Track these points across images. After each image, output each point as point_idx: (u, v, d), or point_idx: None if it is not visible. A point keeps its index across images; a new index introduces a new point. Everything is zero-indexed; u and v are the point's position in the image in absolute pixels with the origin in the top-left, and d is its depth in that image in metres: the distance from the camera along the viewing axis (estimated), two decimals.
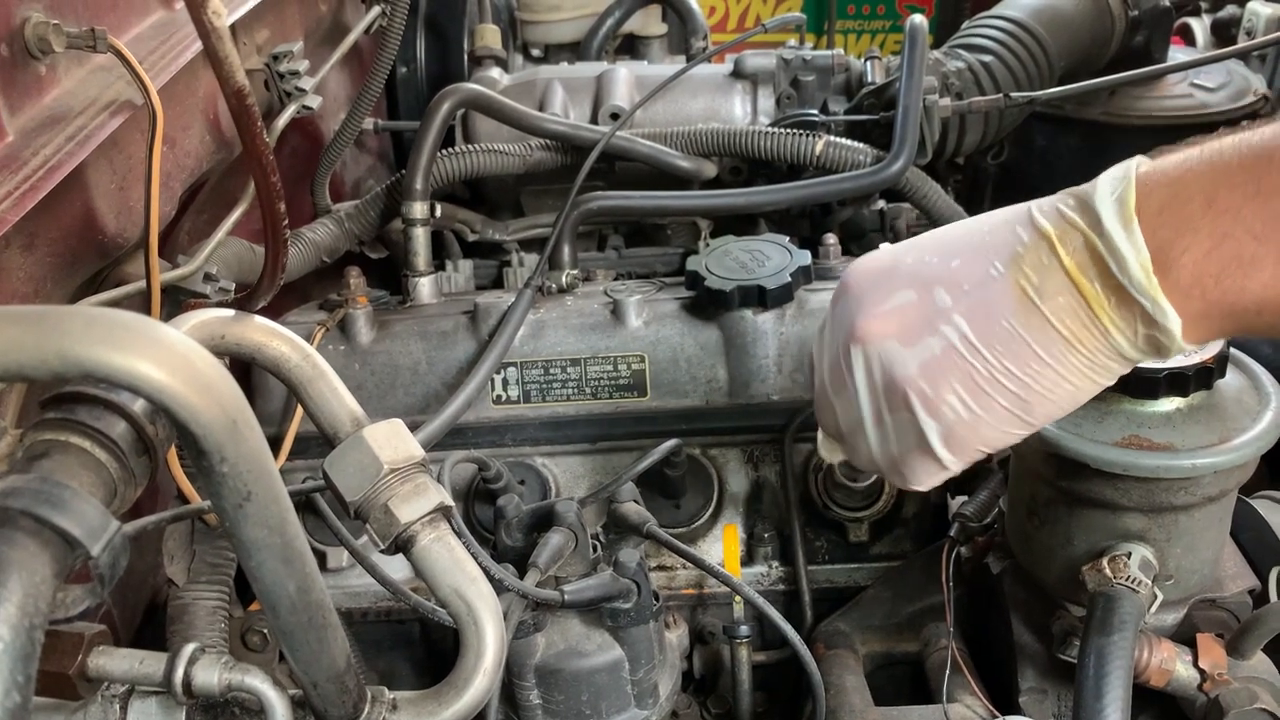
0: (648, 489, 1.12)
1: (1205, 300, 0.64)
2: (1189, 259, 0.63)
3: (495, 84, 1.62)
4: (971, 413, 0.71)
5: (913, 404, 0.73)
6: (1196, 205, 0.63)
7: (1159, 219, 0.64)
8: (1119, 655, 0.76)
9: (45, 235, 0.89)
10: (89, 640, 0.63)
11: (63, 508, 0.49)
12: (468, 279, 1.53)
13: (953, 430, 0.72)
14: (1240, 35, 1.96)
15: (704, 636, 1.14)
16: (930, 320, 0.72)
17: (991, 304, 0.69)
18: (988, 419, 0.71)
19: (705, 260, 1.18)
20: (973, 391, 0.71)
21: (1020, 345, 0.68)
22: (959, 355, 0.70)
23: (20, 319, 0.48)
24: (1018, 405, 0.70)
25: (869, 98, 1.50)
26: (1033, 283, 0.67)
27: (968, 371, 0.70)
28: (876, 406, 0.76)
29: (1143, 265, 0.64)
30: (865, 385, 0.76)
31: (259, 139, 0.92)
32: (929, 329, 0.72)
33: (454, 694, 0.68)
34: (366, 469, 0.69)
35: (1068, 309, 0.67)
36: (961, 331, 0.70)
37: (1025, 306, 0.68)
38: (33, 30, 0.89)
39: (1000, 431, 0.72)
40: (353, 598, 1.15)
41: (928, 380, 0.72)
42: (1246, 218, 0.62)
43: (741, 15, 3.12)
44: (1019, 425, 0.72)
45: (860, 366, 0.76)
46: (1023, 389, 0.69)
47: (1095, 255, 0.65)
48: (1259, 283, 0.62)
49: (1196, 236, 0.63)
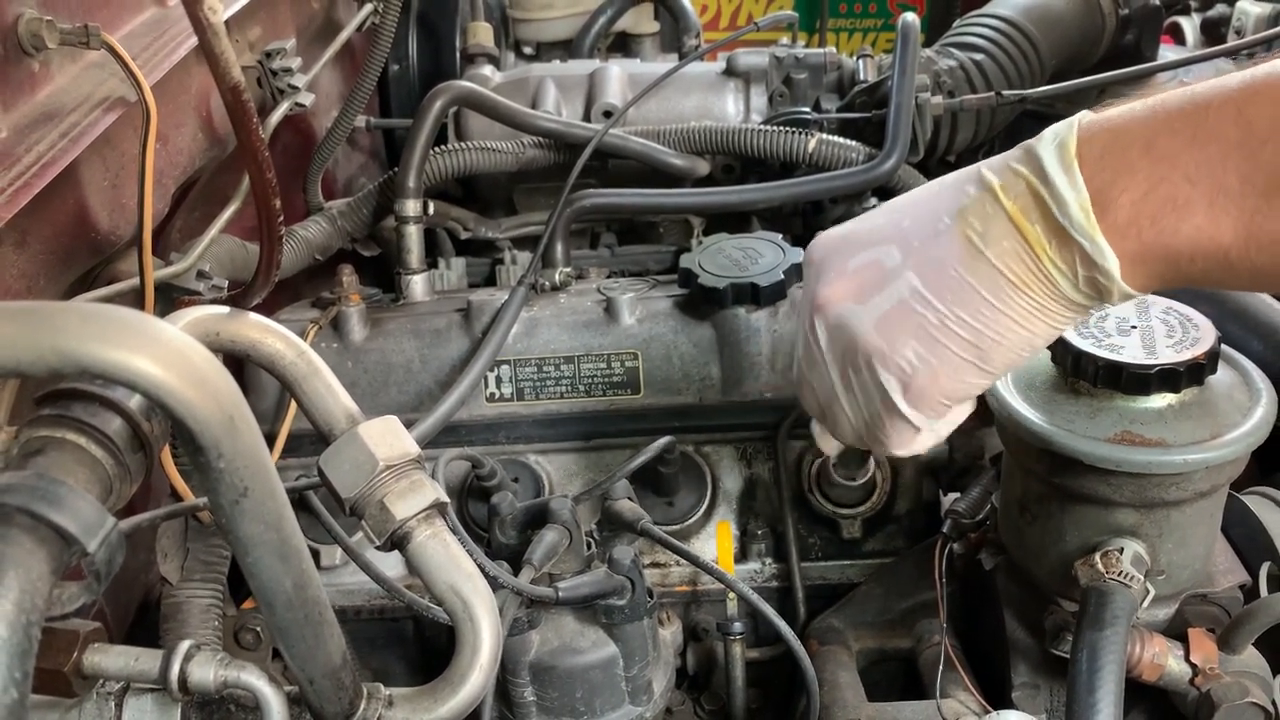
0: (641, 486, 1.12)
1: (1141, 241, 0.65)
2: (1126, 199, 0.64)
3: (488, 82, 1.62)
4: (928, 363, 0.73)
5: (873, 363, 0.75)
6: (1136, 150, 0.65)
7: (1100, 162, 0.65)
8: (1111, 650, 0.77)
9: (38, 232, 0.89)
10: (84, 637, 0.63)
11: (59, 504, 0.49)
12: (460, 277, 1.52)
13: (912, 383, 0.74)
14: (1230, 34, 1.97)
15: (698, 633, 1.14)
16: (883, 278, 0.74)
17: (940, 255, 0.71)
18: (945, 369, 0.73)
19: (698, 258, 1.18)
20: (927, 342, 0.72)
21: (969, 292, 0.70)
22: (911, 309, 0.72)
23: (15, 315, 0.48)
24: (972, 352, 0.72)
25: (861, 96, 1.50)
26: (978, 230, 0.69)
27: (920, 323, 0.72)
28: (843, 370, 0.78)
29: (1081, 205, 0.65)
30: (829, 352, 0.78)
31: (255, 136, 0.92)
32: (882, 286, 0.74)
33: (450, 690, 0.68)
34: (362, 466, 0.69)
35: (1011, 253, 0.68)
36: (912, 285, 0.72)
37: (971, 254, 0.70)
38: (26, 26, 0.88)
39: (959, 381, 0.74)
40: (346, 595, 1.15)
41: (884, 335, 0.74)
42: (1182, 162, 0.63)
43: (734, 13, 3.13)
44: (976, 374, 0.73)
45: (823, 334, 0.78)
46: (975, 335, 0.71)
47: (1037, 198, 0.67)
48: (1191, 225, 0.63)
49: (1134, 179, 0.64)
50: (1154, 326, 0.85)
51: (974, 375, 0.73)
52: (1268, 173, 0.61)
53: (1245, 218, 0.62)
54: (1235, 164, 0.62)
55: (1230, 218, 0.62)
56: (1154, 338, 0.83)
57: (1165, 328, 0.84)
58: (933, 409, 0.76)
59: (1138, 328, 0.85)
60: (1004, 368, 0.73)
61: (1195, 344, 0.82)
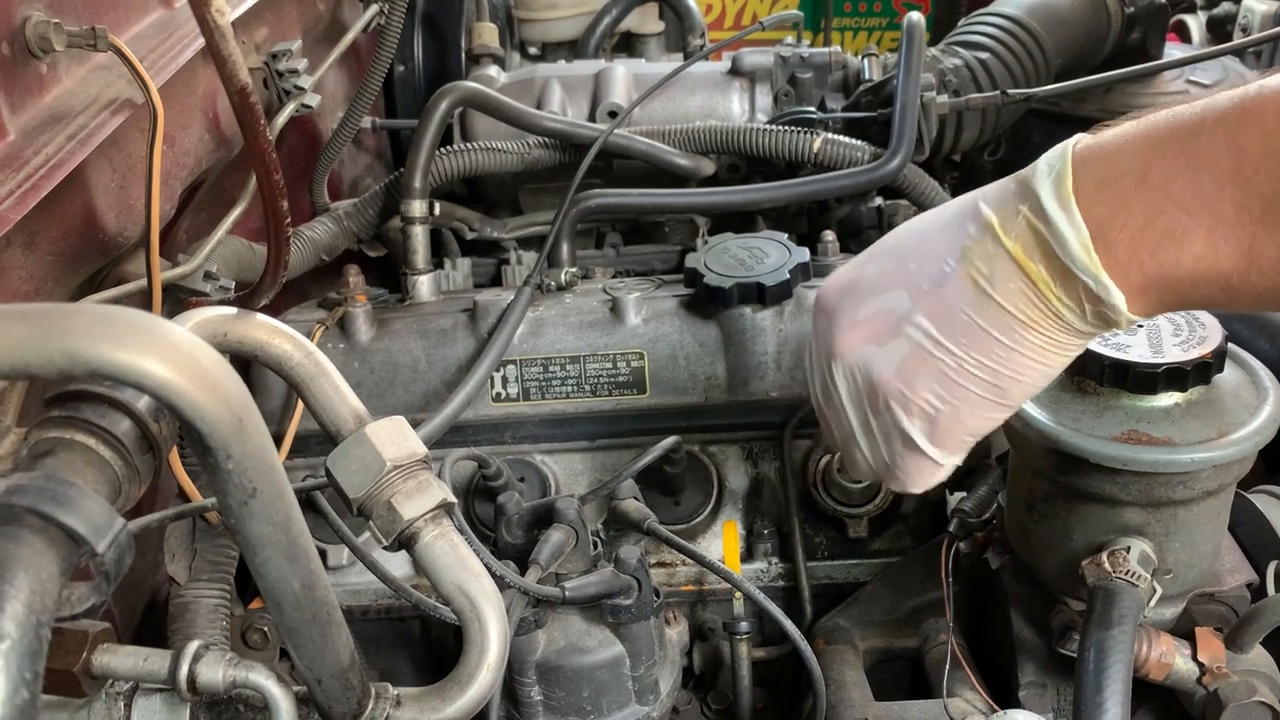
0: (647, 486, 1.12)
1: (1144, 274, 0.65)
2: (1125, 235, 0.65)
3: (493, 82, 1.62)
4: (950, 405, 0.74)
5: (893, 407, 0.76)
6: (1130, 180, 0.65)
7: (1096, 196, 0.65)
8: (1119, 649, 0.77)
9: (46, 234, 0.89)
10: (94, 638, 0.63)
11: (68, 505, 0.49)
12: (466, 277, 1.53)
13: (936, 425, 0.75)
14: (1236, 32, 1.96)
15: (704, 633, 1.15)
16: (897, 324, 0.75)
17: (949, 299, 0.72)
18: (966, 408, 0.74)
19: (704, 258, 1.18)
20: (947, 385, 0.73)
21: (981, 334, 0.71)
22: (928, 353, 0.73)
23: (25, 317, 0.48)
24: (991, 391, 0.73)
25: (866, 95, 1.50)
26: (983, 273, 0.70)
27: (938, 367, 0.73)
28: (863, 415, 0.79)
29: (1082, 244, 0.65)
30: (849, 396, 0.80)
31: (262, 137, 0.92)
32: (896, 332, 0.75)
33: (457, 690, 0.68)
34: (369, 466, 0.69)
35: (1018, 293, 0.69)
36: (925, 330, 0.73)
37: (979, 296, 0.70)
38: (33, 29, 0.89)
39: (981, 418, 0.75)
40: (353, 595, 1.15)
41: (903, 381, 0.75)
42: (1176, 192, 0.63)
43: (738, 13, 3.12)
44: (998, 410, 0.74)
45: (842, 379, 0.79)
46: (992, 375, 0.72)
47: (1038, 237, 0.67)
48: (1191, 256, 0.63)
49: (1131, 212, 0.64)
50: (1161, 325, 0.85)
51: (995, 411, 0.74)
52: (1262, 199, 0.61)
53: (1244, 244, 0.62)
54: (1230, 192, 0.61)
55: (1229, 245, 0.62)
56: (1161, 337, 0.83)
57: (1172, 327, 0.84)
58: (956, 446, 0.77)
59: (1144, 327, 0.85)
60: (1023, 399, 0.74)
61: (1202, 343, 0.82)
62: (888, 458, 0.80)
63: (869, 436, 0.80)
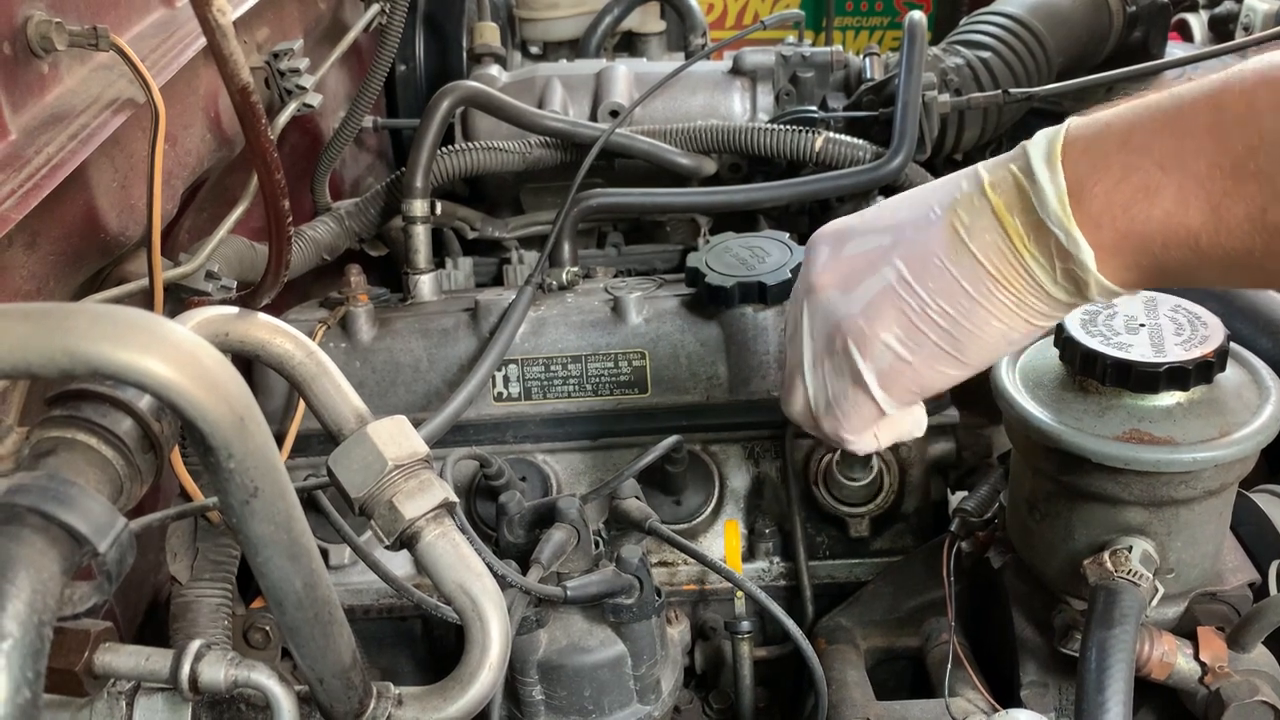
0: (649, 485, 1.13)
1: (1115, 230, 0.66)
2: (1100, 189, 0.66)
3: (494, 81, 1.62)
4: (907, 348, 0.75)
5: (849, 346, 0.77)
6: (1114, 143, 0.67)
7: (1081, 157, 0.67)
8: (1120, 648, 0.77)
9: (48, 234, 0.89)
10: (95, 637, 0.63)
11: (70, 505, 0.49)
12: (468, 276, 1.53)
13: (888, 369, 0.77)
14: (1238, 31, 1.96)
15: (706, 632, 1.15)
16: (873, 264, 0.76)
17: (927, 244, 0.73)
18: (921, 355, 0.75)
19: (705, 257, 1.18)
20: (907, 328, 0.75)
21: (950, 282, 0.72)
22: (895, 294, 0.75)
23: (26, 316, 0.48)
24: (949, 342, 0.74)
25: (868, 94, 1.50)
26: (964, 222, 0.72)
27: (902, 309, 0.74)
28: (819, 349, 0.81)
29: (1058, 197, 0.67)
30: (809, 329, 0.81)
31: (263, 137, 0.92)
32: (870, 272, 0.76)
33: (459, 689, 0.68)
34: (371, 465, 0.69)
35: (993, 245, 0.70)
36: (898, 271, 0.74)
37: (956, 245, 0.72)
38: (35, 29, 0.89)
39: (933, 370, 0.76)
40: (355, 595, 1.15)
41: (865, 319, 0.76)
42: (1155, 152, 0.65)
43: (740, 12, 3.12)
44: (951, 364, 0.75)
45: (807, 313, 0.81)
46: (953, 325, 0.73)
47: (1021, 192, 0.69)
48: (1161, 210, 0.65)
49: (1110, 170, 0.66)
50: (1162, 324, 0.84)
51: (948, 365, 0.75)
52: (1234, 155, 0.62)
53: (1213, 200, 0.63)
54: (1204, 150, 0.63)
55: (1199, 201, 0.63)
56: (1162, 336, 0.83)
57: (1174, 326, 0.84)
58: (902, 396, 0.78)
59: (1146, 326, 0.84)
60: (979, 362, 0.75)
61: (1204, 342, 0.82)
62: (831, 395, 0.81)
63: (817, 370, 0.81)
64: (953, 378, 0.77)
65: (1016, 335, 0.73)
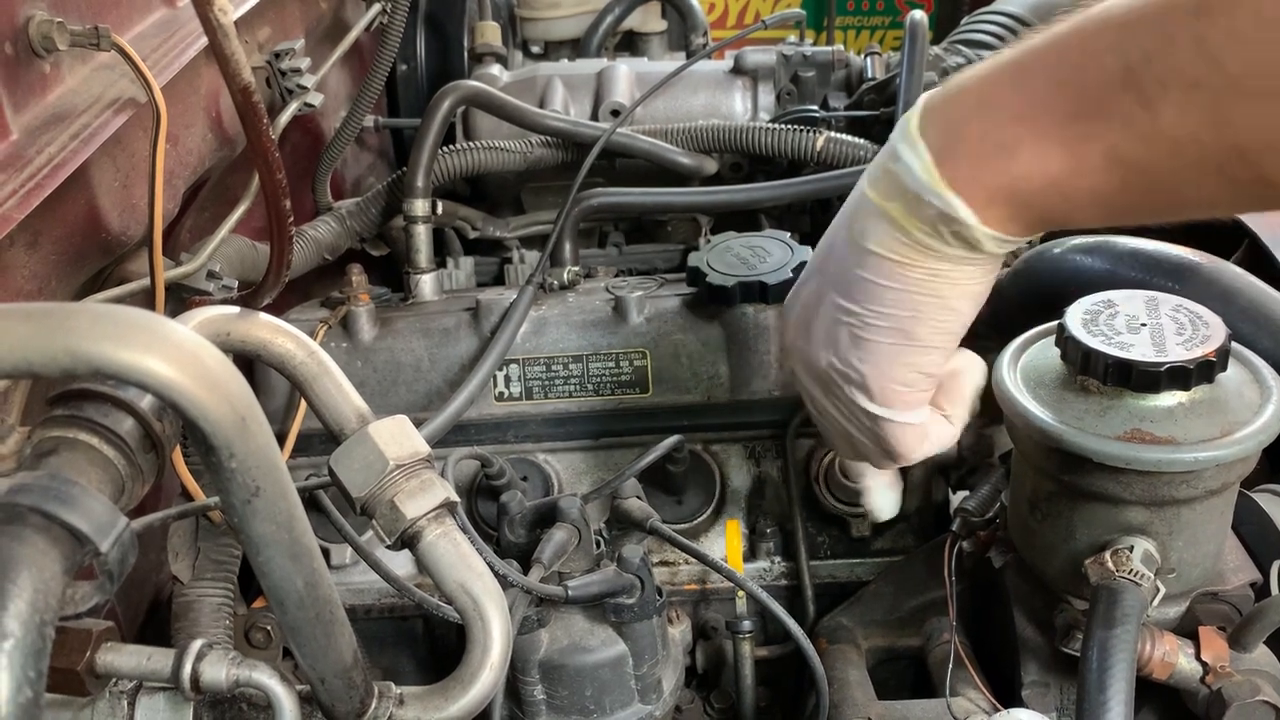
0: (650, 485, 1.13)
1: (985, 187, 0.68)
2: (964, 150, 0.68)
3: (495, 81, 1.62)
4: (870, 362, 0.77)
5: (837, 382, 0.80)
6: (970, 104, 0.68)
7: (939, 126, 0.69)
8: (1122, 648, 0.77)
9: (49, 233, 0.89)
10: (97, 636, 0.63)
11: (72, 504, 0.49)
12: (469, 276, 1.53)
13: (869, 385, 0.78)
14: None
15: (707, 632, 1.15)
16: (817, 305, 0.80)
17: (841, 264, 0.77)
18: (884, 360, 0.77)
19: (706, 257, 1.18)
20: (860, 344, 0.77)
21: (870, 286, 0.75)
22: (840, 322, 0.77)
23: (28, 316, 0.48)
24: (899, 337, 0.76)
25: (869, 94, 1.50)
26: (858, 230, 0.75)
27: (850, 330, 0.77)
28: (823, 401, 0.83)
29: (924, 167, 0.69)
30: (809, 391, 0.84)
31: (265, 136, 0.92)
32: (816, 313, 0.80)
33: (460, 689, 0.68)
34: (372, 465, 0.69)
35: (886, 236, 0.73)
36: (833, 301, 0.77)
37: (860, 252, 0.75)
38: (37, 28, 0.89)
39: (903, 365, 0.77)
40: (356, 594, 1.15)
41: (832, 353, 0.79)
42: (1010, 104, 0.66)
43: (741, 11, 3.12)
44: (915, 353, 0.77)
45: (801, 377, 0.84)
46: (893, 321, 0.75)
47: (890, 177, 0.72)
48: (1022, 162, 0.65)
49: (970, 130, 0.68)
50: (1164, 324, 0.84)
51: (912, 354, 0.77)
52: (1081, 97, 0.62)
53: (1068, 144, 0.63)
54: (1053, 94, 0.64)
55: (1055, 146, 0.64)
56: (1164, 335, 0.83)
57: (1175, 325, 0.84)
58: (901, 401, 0.79)
59: (1147, 325, 0.84)
60: (937, 339, 0.76)
61: (1205, 341, 0.82)
62: (867, 435, 0.83)
63: (843, 421, 0.83)
64: (927, 363, 0.78)
65: (954, 303, 0.74)
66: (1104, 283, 0.95)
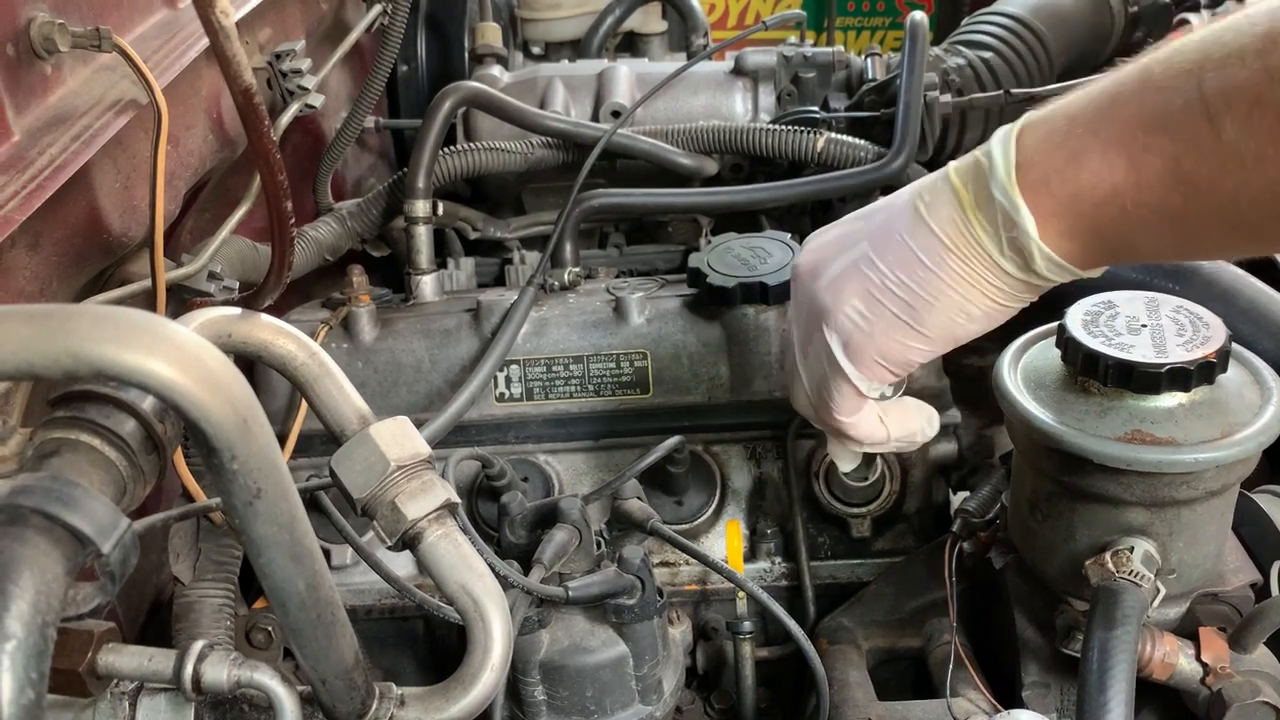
0: (650, 486, 1.13)
1: (1051, 195, 0.70)
2: (1042, 160, 0.71)
3: (496, 82, 1.62)
4: (867, 320, 0.79)
5: (819, 321, 0.82)
6: (1060, 121, 0.72)
7: (1034, 137, 0.73)
8: (1122, 649, 0.77)
9: (51, 234, 0.90)
10: (99, 637, 0.64)
11: (73, 506, 0.49)
12: (470, 277, 1.53)
13: (851, 340, 0.81)
14: None
15: (707, 632, 1.15)
16: (844, 248, 0.82)
17: (891, 223, 0.79)
18: (880, 325, 0.79)
19: (707, 257, 1.18)
20: (867, 300, 0.79)
21: (908, 254, 0.77)
22: (858, 270, 0.79)
23: (30, 318, 0.48)
24: (906, 312, 0.78)
25: (870, 94, 1.50)
26: (926, 201, 0.77)
27: (864, 283, 0.79)
28: (803, 336, 0.86)
29: (1006, 169, 0.72)
30: (794, 320, 0.87)
31: (266, 138, 0.93)
32: (840, 254, 0.82)
33: (461, 690, 0.68)
34: (373, 466, 0.69)
35: (948, 218, 0.75)
36: (863, 250, 0.80)
37: (916, 220, 0.77)
38: (38, 30, 0.89)
39: (894, 340, 0.79)
40: (357, 595, 1.15)
41: (831, 294, 0.81)
42: (1091, 120, 0.69)
43: (741, 12, 3.12)
44: (911, 335, 0.79)
45: (793, 305, 0.87)
46: (910, 295, 0.77)
47: (977, 168, 0.75)
48: (1089, 171, 0.68)
49: (1054, 143, 0.71)
50: (1164, 325, 0.84)
51: (909, 337, 0.79)
52: (1152, 112, 0.65)
53: (1133, 156, 0.66)
54: (1128, 112, 0.67)
55: (1120, 158, 0.67)
56: (1164, 336, 0.83)
57: (1176, 326, 0.84)
58: (870, 368, 0.82)
59: (1148, 326, 0.84)
60: (939, 334, 0.78)
61: (1206, 342, 0.82)
62: (818, 379, 0.85)
63: (805, 359, 0.85)
64: (916, 350, 0.80)
65: (974, 310, 0.77)
66: (1104, 284, 0.95)
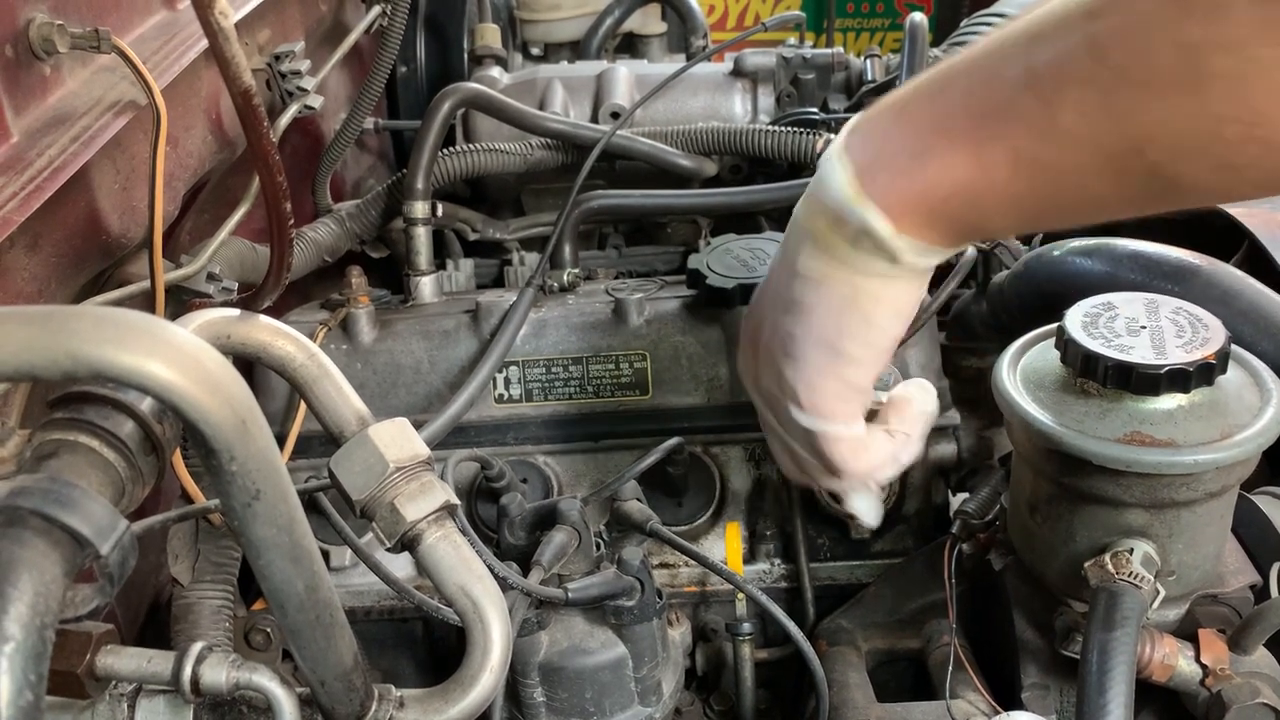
0: (650, 487, 1.12)
1: (900, 197, 0.69)
2: (881, 163, 0.69)
3: (495, 83, 1.62)
4: (802, 374, 0.79)
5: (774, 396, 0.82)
6: (889, 119, 0.71)
7: (865, 142, 0.71)
8: (1122, 651, 0.77)
9: (50, 236, 0.89)
10: (97, 639, 0.63)
11: (72, 507, 0.49)
12: (469, 278, 1.53)
13: (800, 398, 0.80)
14: None
15: (707, 634, 1.15)
16: (759, 327, 0.82)
17: (778, 286, 0.79)
18: (812, 372, 0.78)
19: (706, 259, 1.18)
20: (792, 360, 0.79)
21: (798, 305, 0.77)
22: (776, 341, 0.79)
23: (29, 319, 0.48)
24: (827, 352, 0.77)
25: (869, 96, 1.50)
26: (789, 250, 0.77)
27: (784, 347, 0.79)
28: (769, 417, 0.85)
29: (844, 183, 0.70)
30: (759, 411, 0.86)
31: (265, 139, 0.92)
32: (760, 334, 0.82)
33: (460, 691, 0.68)
34: (372, 468, 0.69)
35: (809, 255, 0.75)
36: (773, 321, 0.79)
37: (790, 273, 0.76)
38: (37, 31, 0.89)
39: (833, 377, 0.78)
40: (356, 596, 1.15)
41: (771, 370, 0.81)
42: (926, 115, 0.68)
43: (741, 13, 3.13)
44: (842, 364, 0.78)
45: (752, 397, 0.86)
46: (820, 336, 0.77)
47: (814, 196, 0.74)
48: (934, 168, 0.67)
49: (889, 143, 0.69)
50: (1164, 327, 0.84)
51: (841, 366, 0.78)
52: (987, 100, 0.64)
53: (975, 147, 0.65)
54: (965, 102, 0.66)
55: (963, 152, 0.65)
56: (1164, 338, 0.83)
57: (1175, 328, 0.84)
58: (831, 412, 0.80)
59: (1147, 328, 0.84)
60: (866, 354, 0.77)
61: (1205, 344, 0.82)
62: (806, 449, 0.83)
63: (786, 437, 0.84)
64: (855, 374, 0.78)
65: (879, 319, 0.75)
66: (1104, 285, 0.95)
